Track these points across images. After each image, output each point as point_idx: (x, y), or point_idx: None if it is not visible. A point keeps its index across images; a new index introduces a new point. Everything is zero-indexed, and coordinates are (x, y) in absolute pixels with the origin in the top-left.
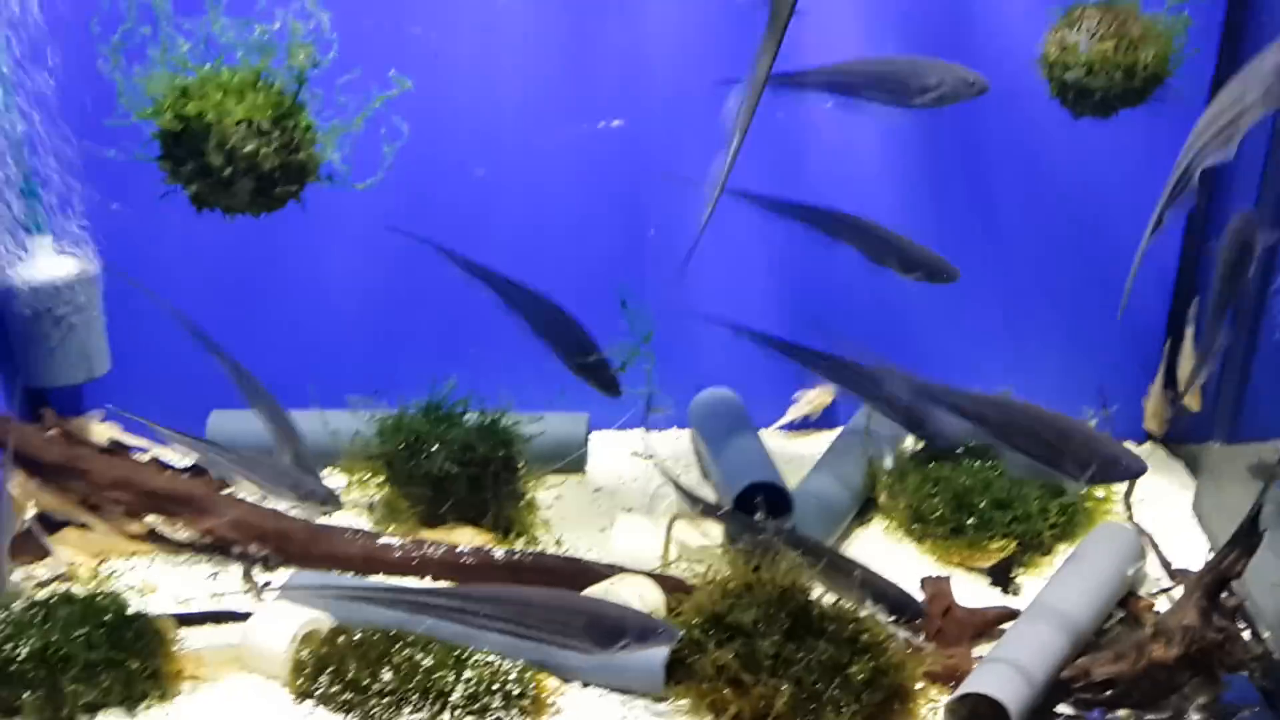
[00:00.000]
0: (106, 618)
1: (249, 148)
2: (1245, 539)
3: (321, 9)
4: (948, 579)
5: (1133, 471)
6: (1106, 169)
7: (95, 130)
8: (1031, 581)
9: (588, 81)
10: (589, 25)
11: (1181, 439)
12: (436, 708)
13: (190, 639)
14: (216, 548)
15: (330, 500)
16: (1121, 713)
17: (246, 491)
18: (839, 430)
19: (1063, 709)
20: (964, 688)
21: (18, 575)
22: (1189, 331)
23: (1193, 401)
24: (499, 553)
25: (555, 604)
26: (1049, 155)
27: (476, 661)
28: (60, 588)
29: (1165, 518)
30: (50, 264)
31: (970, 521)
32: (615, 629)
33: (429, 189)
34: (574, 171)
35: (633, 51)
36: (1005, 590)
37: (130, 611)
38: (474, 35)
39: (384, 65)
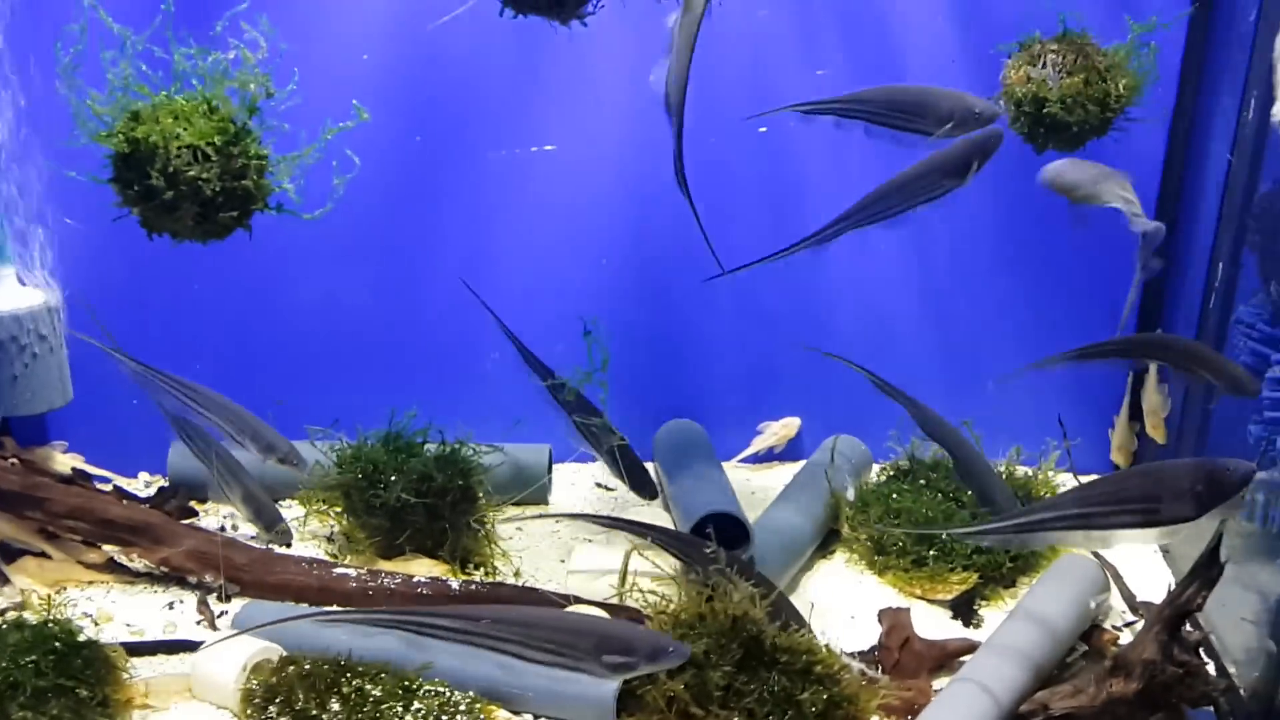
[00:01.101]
0: (56, 645)
1: (191, 172)
2: (1205, 572)
3: (281, 40)
4: (907, 610)
5: (1244, 474)
6: (1064, 201)
7: (59, 155)
8: (993, 614)
9: (533, 106)
10: (533, 50)
11: None
12: None
13: (142, 668)
14: (173, 577)
15: (292, 458)
16: None
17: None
18: (803, 462)
19: None
20: None
21: None
22: (1153, 364)
23: (1158, 433)
24: (455, 583)
25: (562, 624)
26: (1010, 186)
27: (426, 692)
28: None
29: (1129, 550)
30: (13, 294)
31: (931, 553)
32: (625, 648)
33: (381, 217)
34: (523, 198)
35: (579, 76)
36: (967, 623)
37: (81, 639)
38: (416, 62)
39: (341, 93)
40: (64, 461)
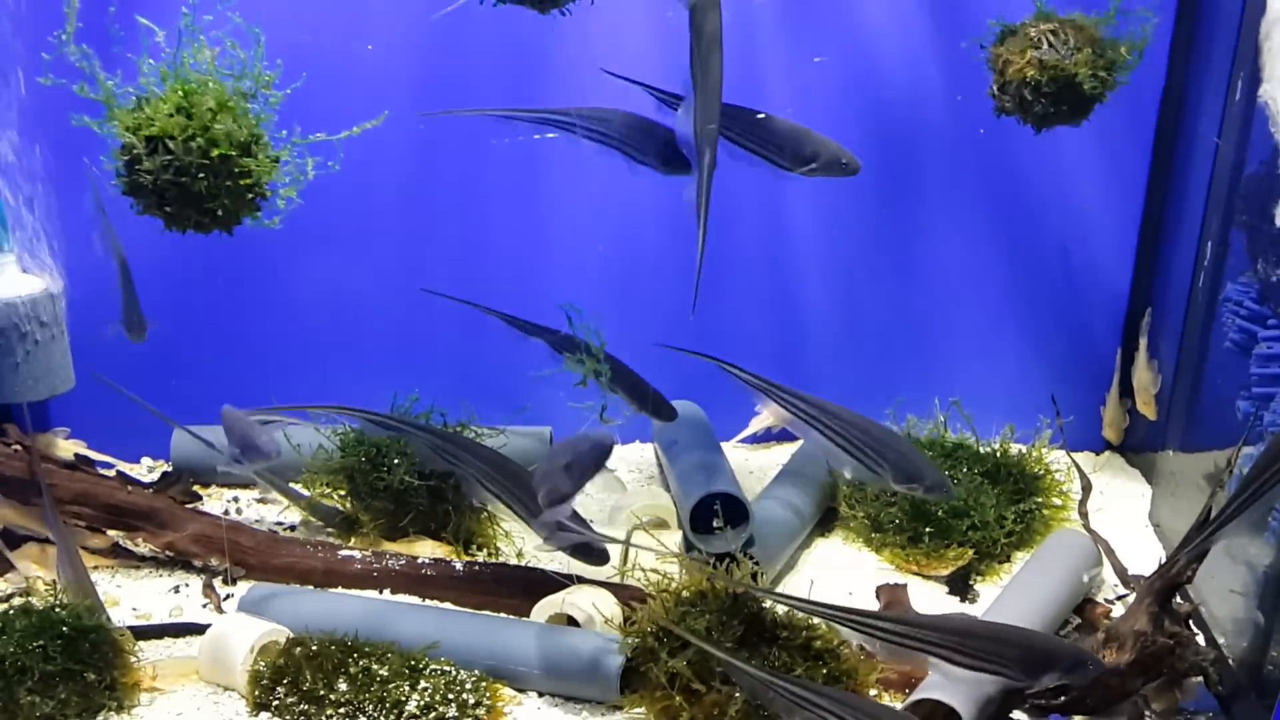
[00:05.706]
0: (64, 629)
1: (147, 164)
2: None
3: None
4: (904, 586)
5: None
6: (1055, 183)
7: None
8: (989, 589)
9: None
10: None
11: (1139, 447)
12: (392, 718)
13: (149, 652)
14: (178, 561)
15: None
16: (1076, 719)
17: None
18: (800, 442)
19: (1017, 715)
20: (917, 694)
21: None
22: (1143, 341)
23: (1149, 410)
24: (459, 564)
25: (992, 634)
26: (1001, 172)
27: (433, 671)
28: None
29: (1122, 525)
30: (14, 281)
31: (928, 530)
32: (1045, 660)
33: (386, 203)
34: (517, 185)
35: (580, 61)
36: (963, 598)
37: (87, 623)
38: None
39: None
40: (66, 447)
